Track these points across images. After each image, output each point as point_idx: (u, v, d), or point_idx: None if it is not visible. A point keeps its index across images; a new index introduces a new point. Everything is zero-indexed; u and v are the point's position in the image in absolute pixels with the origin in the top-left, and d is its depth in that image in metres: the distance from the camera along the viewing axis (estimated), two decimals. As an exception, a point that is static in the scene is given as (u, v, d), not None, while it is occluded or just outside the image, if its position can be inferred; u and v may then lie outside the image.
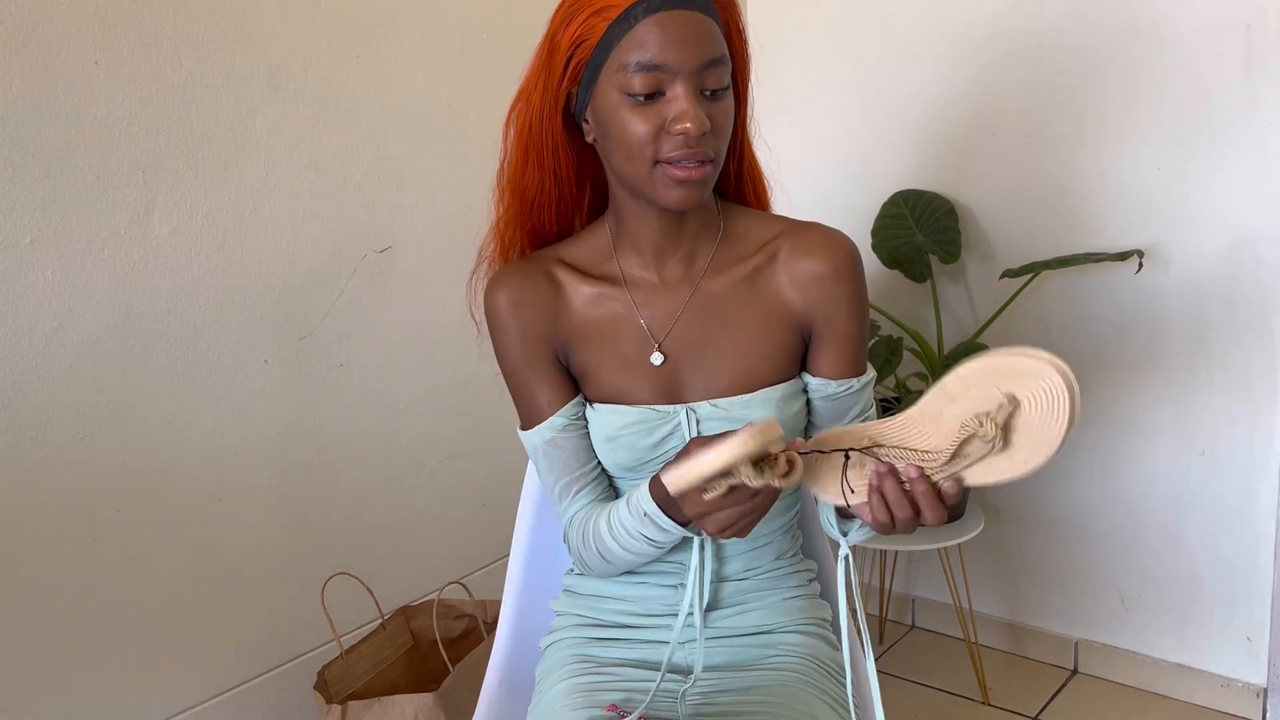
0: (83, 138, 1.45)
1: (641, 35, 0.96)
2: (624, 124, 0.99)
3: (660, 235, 1.09)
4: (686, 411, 1.08)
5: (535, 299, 1.10)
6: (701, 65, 0.97)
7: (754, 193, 1.18)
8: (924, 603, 2.41)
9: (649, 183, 1.01)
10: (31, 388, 1.44)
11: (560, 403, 1.11)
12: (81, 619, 1.52)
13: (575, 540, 1.14)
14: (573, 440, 1.12)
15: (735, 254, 1.11)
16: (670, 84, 0.97)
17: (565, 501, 1.14)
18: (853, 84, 2.25)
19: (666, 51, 0.96)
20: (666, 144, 0.98)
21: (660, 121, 0.98)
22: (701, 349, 1.09)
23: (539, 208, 1.11)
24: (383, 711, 1.50)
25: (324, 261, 1.74)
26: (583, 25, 0.98)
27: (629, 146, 0.99)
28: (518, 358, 1.11)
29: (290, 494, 1.74)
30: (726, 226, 1.13)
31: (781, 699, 1.08)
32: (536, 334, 1.10)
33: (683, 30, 0.96)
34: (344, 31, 1.72)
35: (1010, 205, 2.10)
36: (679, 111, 0.97)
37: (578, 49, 0.99)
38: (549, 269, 1.12)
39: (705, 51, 0.97)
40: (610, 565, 1.12)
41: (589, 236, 1.14)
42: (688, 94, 0.97)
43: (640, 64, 0.96)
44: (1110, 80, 1.94)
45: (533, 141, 1.06)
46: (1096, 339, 2.05)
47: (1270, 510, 1.93)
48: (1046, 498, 2.19)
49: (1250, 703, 2.01)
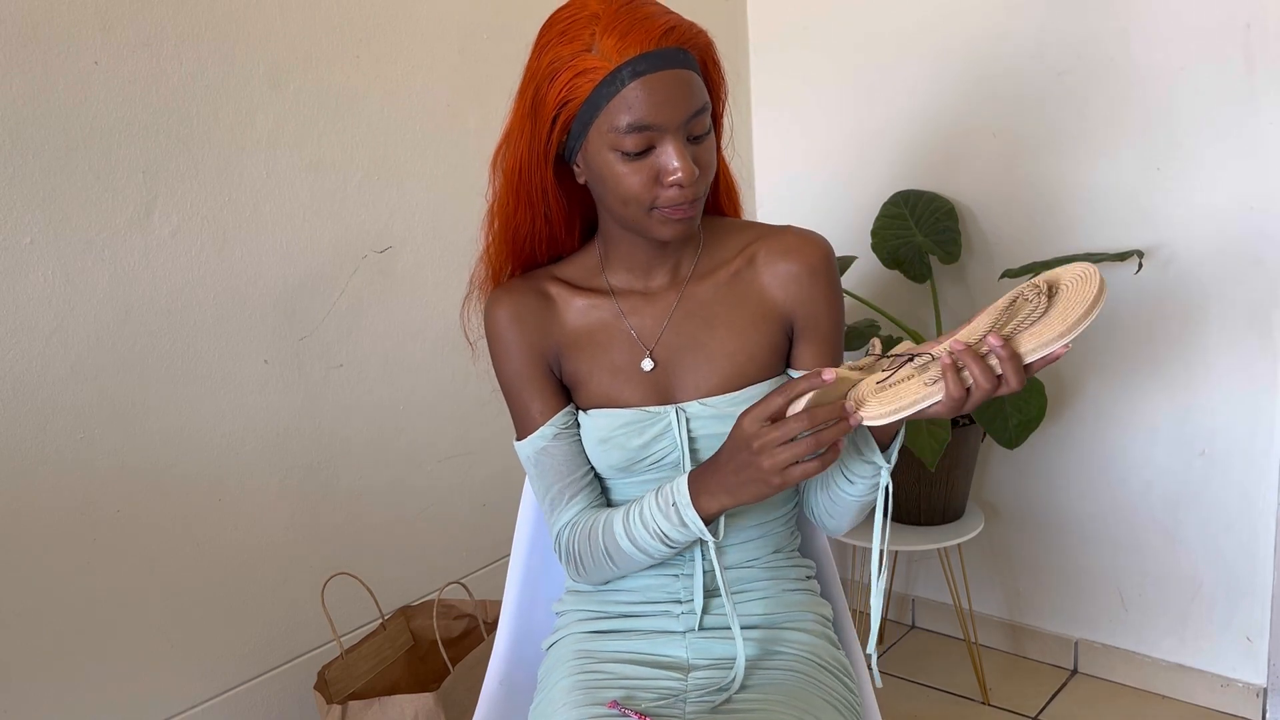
0: (83, 138, 1.45)
1: (629, 98, 0.99)
2: (618, 178, 1.03)
3: (648, 253, 1.15)
4: (676, 411, 1.12)
5: (530, 313, 1.15)
6: (688, 119, 1.01)
7: (729, 201, 1.23)
8: (924, 603, 2.41)
9: (644, 223, 1.06)
10: (31, 388, 1.44)
11: (552, 412, 1.15)
12: (81, 619, 1.52)
13: (574, 543, 1.15)
14: (564, 447, 1.15)
15: (716, 260, 1.16)
16: (660, 140, 1.01)
17: (559, 509, 1.17)
18: (853, 84, 2.25)
19: (655, 112, 1.00)
20: (661, 194, 1.03)
21: (653, 173, 1.02)
22: (690, 352, 1.13)
23: (531, 243, 1.16)
24: (383, 711, 1.50)
25: (324, 261, 1.74)
26: (568, 86, 1.01)
27: (624, 196, 1.04)
28: (514, 371, 1.16)
29: (290, 494, 1.74)
30: (707, 236, 1.18)
31: (783, 697, 1.08)
32: (532, 346, 1.15)
33: (668, 90, 0.99)
34: (344, 31, 1.72)
35: (1010, 205, 2.10)
36: (673, 167, 1.01)
37: (564, 108, 1.03)
38: (542, 286, 1.17)
39: (691, 105, 1.01)
40: (611, 566, 1.14)
41: (579, 256, 1.19)
42: (678, 149, 1.01)
43: (631, 125, 1.00)
44: (1109, 80, 1.94)
45: (523, 184, 1.10)
46: (1096, 339, 2.05)
47: (1270, 510, 1.93)
48: (1046, 498, 2.19)
49: (1250, 703, 2.02)
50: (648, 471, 1.14)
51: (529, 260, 1.18)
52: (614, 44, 0.98)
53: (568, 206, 1.14)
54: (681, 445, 1.12)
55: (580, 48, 1.00)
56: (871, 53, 2.21)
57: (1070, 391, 2.10)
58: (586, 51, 0.99)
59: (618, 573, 1.15)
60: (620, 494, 1.17)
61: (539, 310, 1.15)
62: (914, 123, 2.19)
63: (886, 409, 0.95)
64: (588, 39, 0.99)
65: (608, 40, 0.99)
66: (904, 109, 2.19)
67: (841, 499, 1.11)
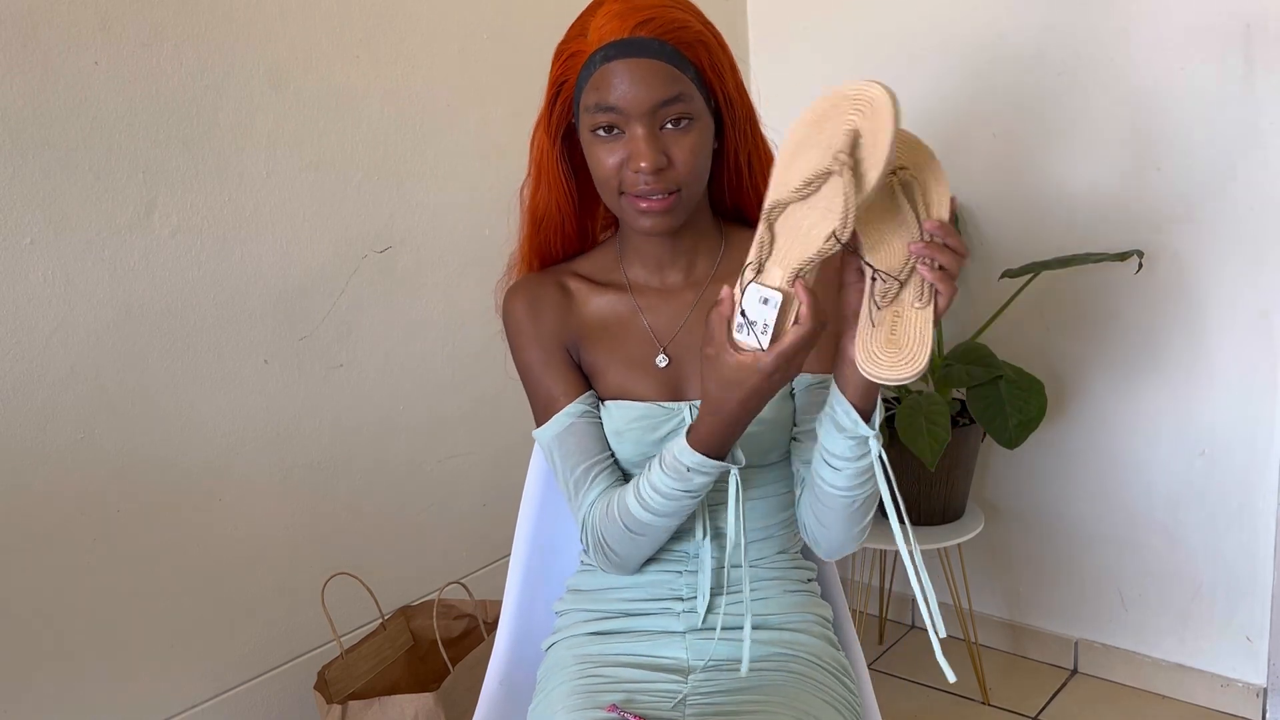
0: (83, 138, 1.45)
1: (599, 80, 1.05)
2: (595, 157, 1.08)
3: (656, 249, 1.17)
4: (690, 408, 1.13)
5: (548, 302, 1.18)
6: (654, 106, 1.04)
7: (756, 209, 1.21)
8: (924, 603, 2.41)
9: (620, 210, 1.11)
10: (32, 388, 1.44)
11: (575, 394, 1.17)
12: (81, 619, 1.52)
13: (598, 524, 1.13)
14: (588, 428, 1.16)
15: (737, 264, 1.15)
16: (628, 124, 1.05)
17: (583, 490, 1.15)
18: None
19: (618, 95, 1.04)
20: (629, 178, 1.07)
21: (624, 155, 1.06)
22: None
23: (546, 227, 1.19)
24: (383, 711, 1.50)
25: (324, 261, 1.74)
26: (563, 66, 1.09)
27: (599, 177, 1.09)
28: (533, 357, 1.18)
29: (290, 494, 1.74)
30: (730, 240, 1.20)
31: (783, 698, 1.08)
32: (552, 334, 1.17)
33: (632, 76, 1.04)
34: (344, 31, 1.72)
35: (1010, 205, 2.10)
36: (633, 151, 1.05)
37: (562, 86, 1.09)
38: (560, 279, 1.20)
39: (657, 94, 1.04)
40: (637, 539, 1.11)
41: (597, 252, 1.23)
42: (643, 134, 1.05)
43: (599, 105, 1.05)
44: (1110, 80, 1.94)
45: (543, 163, 1.15)
46: (1096, 339, 2.05)
47: (1270, 510, 1.93)
48: (1046, 498, 2.19)
49: (1250, 703, 2.02)
50: None
51: (544, 248, 1.21)
52: (598, 28, 1.05)
53: (579, 191, 1.17)
54: None
55: (578, 32, 1.07)
56: (871, 52, 2.21)
57: (1070, 391, 2.10)
58: (581, 35, 1.07)
59: (645, 548, 1.13)
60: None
61: (557, 301, 1.18)
62: (914, 122, 2.18)
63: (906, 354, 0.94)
64: (585, 25, 1.07)
65: (596, 25, 1.05)
66: (904, 108, 2.19)
67: (828, 495, 1.06)
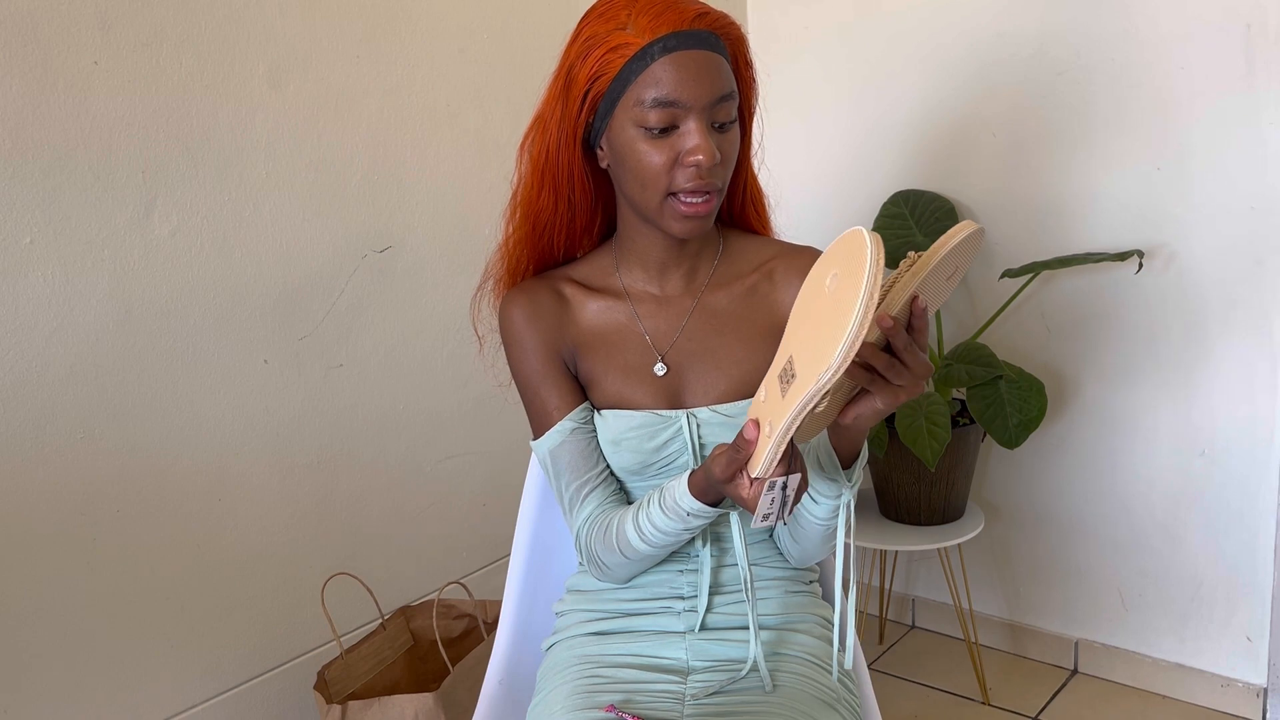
0: (83, 138, 1.45)
1: (658, 73, 1.02)
2: (640, 155, 1.05)
3: (665, 252, 1.15)
4: (688, 416, 1.13)
5: (546, 311, 1.16)
6: (713, 101, 1.03)
7: (756, 214, 1.23)
8: (924, 603, 2.41)
9: (658, 212, 1.08)
10: (31, 388, 1.44)
11: (569, 407, 1.16)
12: (81, 619, 1.52)
13: (592, 543, 1.14)
14: (581, 443, 1.15)
15: (734, 271, 1.18)
16: (684, 119, 1.03)
17: (577, 507, 1.16)
18: (853, 84, 2.25)
19: (681, 89, 1.02)
20: (680, 175, 1.05)
21: (674, 154, 1.04)
22: (702, 358, 1.14)
23: (550, 231, 1.17)
24: (383, 711, 1.50)
25: (324, 261, 1.74)
26: (600, 61, 1.04)
27: (644, 176, 1.06)
28: (531, 369, 1.16)
29: (290, 494, 1.74)
30: (726, 246, 1.19)
31: (782, 699, 1.08)
32: (548, 344, 1.16)
33: (697, 68, 1.02)
34: (344, 31, 1.72)
35: (1010, 205, 2.10)
36: (693, 145, 1.03)
37: (595, 83, 1.05)
38: (556, 286, 1.18)
39: (717, 88, 1.03)
40: (632, 563, 1.13)
41: (593, 257, 1.21)
42: (700, 128, 1.03)
43: (656, 100, 1.02)
44: (1110, 80, 1.94)
45: (549, 168, 1.12)
46: (1096, 339, 2.05)
47: (1270, 510, 1.93)
48: (1046, 498, 2.19)
49: (1250, 703, 2.02)
50: (659, 474, 1.15)
51: (545, 252, 1.19)
52: (647, 22, 1.02)
53: (591, 195, 1.15)
54: (692, 449, 1.12)
55: (615, 26, 1.04)
56: (871, 52, 2.21)
57: (1070, 391, 2.10)
58: (621, 29, 1.03)
59: (640, 567, 1.14)
60: (635, 495, 1.18)
61: (554, 309, 1.16)
62: (914, 123, 2.19)
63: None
64: (623, 18, 1.03)
65: (642, 19, 1.02)
66: (904, 109, 2.19)
67: (806, 521, 1.08)
